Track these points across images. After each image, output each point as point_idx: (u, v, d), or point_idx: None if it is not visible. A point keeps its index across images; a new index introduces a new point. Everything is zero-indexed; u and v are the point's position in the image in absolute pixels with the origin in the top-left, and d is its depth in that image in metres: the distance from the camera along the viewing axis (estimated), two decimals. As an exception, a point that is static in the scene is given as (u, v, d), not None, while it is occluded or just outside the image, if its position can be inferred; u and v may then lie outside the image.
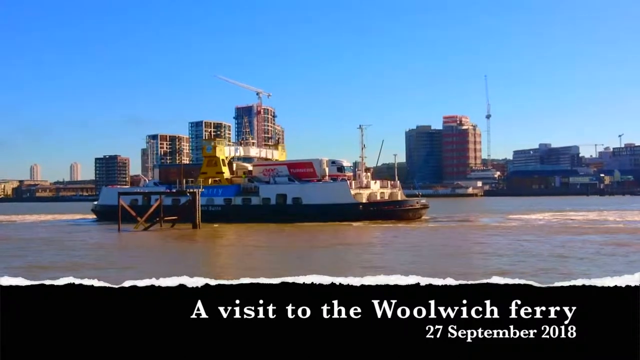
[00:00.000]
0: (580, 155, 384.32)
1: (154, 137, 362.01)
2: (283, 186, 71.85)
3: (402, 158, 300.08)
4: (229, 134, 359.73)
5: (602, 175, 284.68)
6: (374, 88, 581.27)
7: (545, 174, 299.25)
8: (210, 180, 77.25)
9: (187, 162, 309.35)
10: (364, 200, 69.27)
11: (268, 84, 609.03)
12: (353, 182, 70.48)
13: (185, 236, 52.66)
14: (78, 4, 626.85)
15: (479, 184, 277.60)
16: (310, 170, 73.41)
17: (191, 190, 64.91)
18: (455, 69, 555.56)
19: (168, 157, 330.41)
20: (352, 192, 68.21)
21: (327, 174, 72.77)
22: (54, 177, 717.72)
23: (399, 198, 74.37)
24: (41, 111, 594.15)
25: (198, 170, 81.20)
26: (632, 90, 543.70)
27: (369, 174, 76.14)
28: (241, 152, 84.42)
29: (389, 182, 77.23)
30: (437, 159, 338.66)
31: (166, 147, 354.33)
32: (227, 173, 78.47)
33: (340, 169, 73.68)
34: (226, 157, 80.00)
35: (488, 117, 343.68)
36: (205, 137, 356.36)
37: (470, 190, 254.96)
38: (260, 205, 71.15)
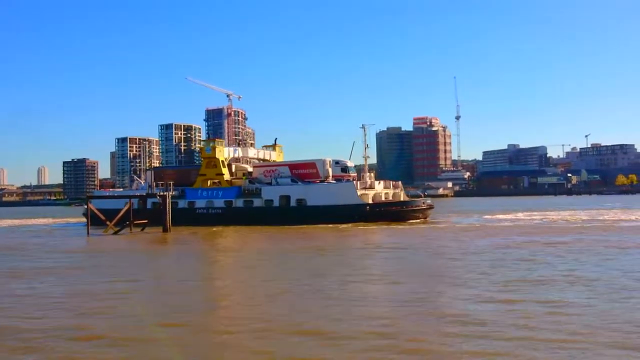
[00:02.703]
0: (547, 155, 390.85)
1: (124, 140, 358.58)
2: (286, 187, 69.97)
3: (373, 159, 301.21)
4: (199, 136, 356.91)
5: (569, 175, 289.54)
6: (348, 89, 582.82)
7: (514, 174, 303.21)
8: (209, 182, 75.37)
9: (157, 164, 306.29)
10: (370, 201, 67.98)
11: (237, 86, 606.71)
12: (358, 182, 69.46)
13: (154, 241, 51.08)
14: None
15: (449, 184, 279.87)
16: (314, 171, 71.57)
17: (161, 193, 63.93)
18: (425, 70, 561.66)
19: (138, 160, 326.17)
20: (358, 192, 66.91)
21: (331, 175, 71.21)
22: (21, 181, 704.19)
23: (402, 198, 73.72)
24: None
25: (196, 173, 78.44)
26: (598, 90, 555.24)
27: (372, 174, 75.53)
28: (239, 153, 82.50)
29: (391, 182, 76.43)
30: (408, 160, 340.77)
31: (135, 150, 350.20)
32: (227, 175, 76.05)
33: (345, 169, 72.23)
34: (225, 159, 77.51)
35: (457, 118, 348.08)
36: (175, 140, 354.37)
37: (440, 191, 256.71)
38: (262, 207, 69.35)
